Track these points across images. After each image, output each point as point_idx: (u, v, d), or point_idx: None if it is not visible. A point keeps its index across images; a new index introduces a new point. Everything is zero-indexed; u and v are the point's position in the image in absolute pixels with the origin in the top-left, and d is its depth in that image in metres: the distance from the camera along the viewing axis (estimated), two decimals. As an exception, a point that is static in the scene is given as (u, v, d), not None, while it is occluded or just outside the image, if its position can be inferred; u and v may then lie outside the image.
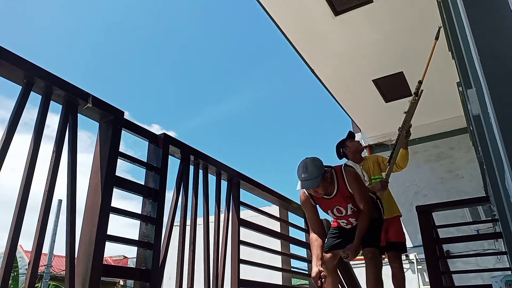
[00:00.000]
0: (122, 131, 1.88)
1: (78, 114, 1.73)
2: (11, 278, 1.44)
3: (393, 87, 5.55)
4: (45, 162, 1.54)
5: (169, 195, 2.14)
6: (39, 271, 1.51)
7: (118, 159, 1.83)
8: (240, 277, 2.57)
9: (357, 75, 5.47)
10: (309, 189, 2.57)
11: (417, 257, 6.53)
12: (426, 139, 6.88)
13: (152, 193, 1.98)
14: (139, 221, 1.96)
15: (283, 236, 3.37)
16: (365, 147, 3.78)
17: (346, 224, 2.77)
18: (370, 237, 2.61)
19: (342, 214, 2.69)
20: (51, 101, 1.62)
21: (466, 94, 1.65)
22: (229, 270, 2.53)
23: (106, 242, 1.67)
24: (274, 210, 3.51)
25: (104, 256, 1.67)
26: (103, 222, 1.66)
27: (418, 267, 6.51)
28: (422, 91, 3.21)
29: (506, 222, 1.22)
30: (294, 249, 3.51)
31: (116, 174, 1.79)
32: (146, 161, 2.08)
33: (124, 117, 1.91)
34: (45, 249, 12.69)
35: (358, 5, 4.23)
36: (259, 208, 3.16)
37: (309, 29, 4.64)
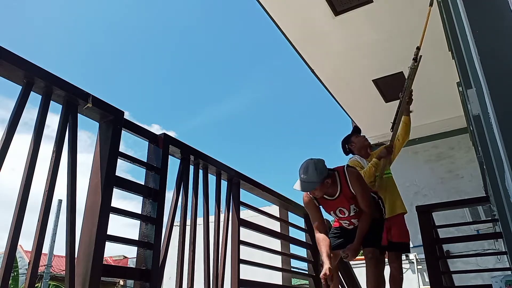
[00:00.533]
0: (122, 131, 1.88)
1: (78, 114, 1.73)
2: (11, 278, 1.44)
3: (393, 87, 5.54)
4: (45, 162, 1.55)
5: (169, 195, 2.14)
6: (39, 271, 1.51)
7: (118, 159, 1.83)
8: (240, 277, 2.57)
9: (357, 75, 5.47)
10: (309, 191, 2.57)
11: (417, 257, 6.54)
12: (426, 139, 6.88)
13: (152, 193, 1.98)
14: (139, 221, 1.96)
15: (283, 236, 3.36)
16: (372, 151, 3.80)
17: (348, 225, 2.76)
18: (370, 237, 2.60)
19: (345, 215, 2.69)
20: (51, 101, 1.62)
21: (466, 94, 1.65)
22: (229, 270, 2.53)
23: (106, 242, 1.67)
24: (274, 210, 3.50)
25: (104, 256, 1.67)
26: (103, 222, 1.66)
27: (418, 267, 6.51)
28: (421, 56, 3.22)
29: (506, 222, 1.22)
30: (294, 249, 3.51)
31: (116, 174, 1.79)
32: (146, 161, 2.08)
33: (124, 117, 1.91)
34: (45, 249, 12.69)
35: (358, 5, 4.24)
36: (259, 208, 3.16)
37: (309, 29, 4.64)
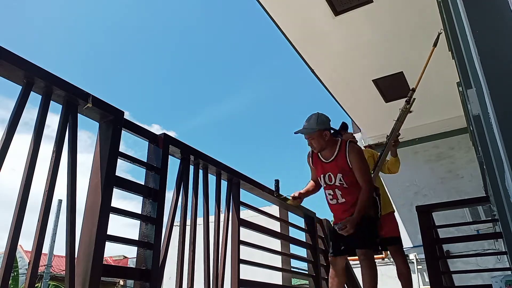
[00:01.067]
0: (122, 131, 1.88)
1: (78, 114, 1.73)
2: (11, 278, 1.44)
3: (393, 87, 5.55)
4: (45, 162, 1.54)
5: (169, 195, 2.14)
6: (39, 271, 1.51)
7: (118, 159, 1.83)
8: (240, 277, 2.57)
9: (357, 75, 5.47)
10: (305, 138, 2.82)
11: (417, 257, 6.53)
12: (426, 139, 6.88)
13: (152, 193, 1.98)
14: (139, 221, 1.96)
15: (283, 236, 3.36)
16: (365, 146, 3.78)
17: (332, 198, 2.81)
18: (363, 236, 2.63)
19: (331, 183, 2.78)
20: (51, 101, 1.62)
21: (466, 94, 1.65)
22: (229, 270, 2.53)
23: (106, 242, 1.67)
24: (274, 210, 3.50)
25: (104, 256, 1.67)
26: (103, 222, 1.66)
27: (418, 267, 6.50)
28: (414, 99, 3.19)
29: (506, 222, 1.22)
30: (294, 249, 3.51)
31: (116, 174, 1.79)
32: (146, 161, 2.08)
33: (124, 117, 1.91)
34: (45, 249, 12.69)
35: (358, 5, 4.24)
36: (259, 208, 3.16)
37: (309, 29, 4.64)
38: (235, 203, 2.75)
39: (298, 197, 2.97)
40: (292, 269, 3.43)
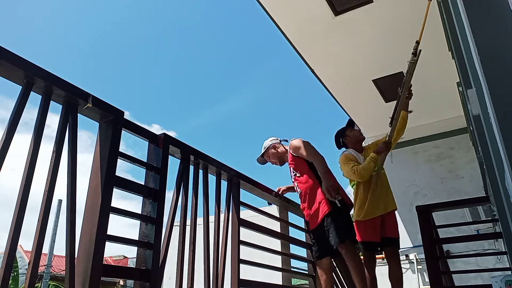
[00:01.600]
0: (122, 131, 1.88)
1: (78, 114, 1.73)
2: (11, 278, 1.44)
3: (393, 87, 5.53)
4: (45, 162, 1.54)
5: (169, 195, 2.14)
6: (39, 271, 1.51)
7: (118, 159, 1.83)
8: (240, 277, 2.57)
9: (357, 75, 5.47)
10: (268, 161, 3.32)
11: (417, 257, 6.53)
12: (426, 139, 6.88)
13: (152, 193, 1.98)
14: (139, 221, 1.96)
15: (283, 236, 3.36)
16: (366, 145, 3.79)
17: (297, 192, 3.14)
18: (336, 231, 2.76)
19: (292, 179, 3.14)
20: (51, 101, 1.62)
21: (466, 94, 1.65)
22: (229, 270, 2.53)
23: (106, 242, 1.67)
24: (274, 210, 3.50)
25: (104, 256, 1.66)
26: (103, 222, 1.66)
27: (418, 267, 6.50)
28: (420, 51, 3.19)
29: (506, 222, 1.22)
30: (294, 249, 3.51)
31: (116, 174, 1.79)
32: (146, 161, 2.08)
33: (124, 117, 1.90)
34: (45, 249, 12.69)
35: (358, 5, 4.23)
36: (259, 208, 3.16)
37: (309, 29, 4.64)
38: (235, 203, 2.75)
39: (278, 193, 3.32)
40: (292, 269, 3.43)
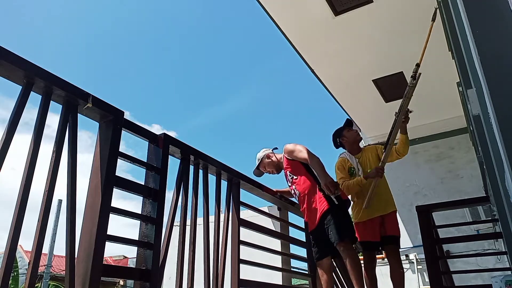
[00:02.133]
0: (122, 131, 1.88)
1: (78, 114, 1.73)
2: (11, 278, 1.44)
3: (393, 87, 5.55)
4: (45, 162, 1.54)
5: (169, 195, 2.14)
6: (39, 271, 1.51)
7: (118, 159, 1.83)
8: (240, 277, 2.57)
9: (357, 75, 5.47)
10: (265, 172, 3.34)
11: (417, 257, 6.53)
12: (426, 139, 6.88)
13: (152, 193, 1.98)
14: (139, 221, 1.95)
15: (283, 236, 3.36)
16: (364, 147, 3.77)
17: (294, 196, 3.17)
18: (335, 230, 2.79)
19: (290, 184, 3.18)
20: (51, 101, 1.62)
21: (466, 94, 1.65)
22: (229, 270, 2.53)
23: (106, 242, 1.67)
24: (274, 210, 3.50)
25: (104, 256, 1.66)
26: (103, 222, 1.66)
27: (418, 267, 6.51)
28: (420, 74, 3.15)
29: (506, 222, 1.22)
30: (294, 249, 3.51)
31: (116, 174, 1.79)
32: (146, 161, 2.08)
33: (125, 117, 1.90)
34: (45, 249, 12.69)
35: (358, 5, 4.23)
36: (259, 208, 3.16)
37: (309, 29, 4.64)
38: (235, 203, 2.75)
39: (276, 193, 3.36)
40: (292, 269, 3.43)
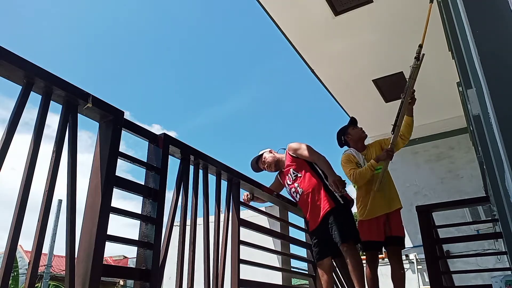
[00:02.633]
0: (122, 131, 1.88)
1: (78, 114, 1.73)
2: (11, 278, 1.44)
3: (393, 87, 5.55)
4: (45, 162, 1.54)
5: (169, 195, 2.13)
6: (39, 271, 1.51)
7: (118, 159, 1.83)
8: (240, 277, 2.57)
9: (357, 75, 5.47)
10: (263, 169, 3.35)
11: (417, 257, 6.53)
12: (426, 139, 6.88)
13: (152, 193, 1.98)
14: (139, 221, 1.95)
15: (283, 236, 3.36)
16: (368, 144, 3.75)
17: (296, 195, 3.13)
18: (340, 231, 2.80)
19: (291, 182, 3.15)
20: (51, 101, 1.62)
21: (466, 94, 1.65)
22: (229, 270, 2.53)
23: (106, 242, 1.67)
24: (274, 210, 3.50)
25: (104, 256, 1.66)
26: (103, 222, 1.66)
27: (418, 267, 6.51)
28: (423, 55, 3.13)
29: (506, 222, 1.22)
30: (294, 249, 3.51)
31: (116, 174, 1.79)
32: (146, 161, 2.07)
33: (125, 117, 1.90)
34: (45, 249, 12.70)
35: (358, 5, 4.24)
36: (259, 208, 3.16)
37: (309, 29, 4.64)
38: (235, 203, 2.75)
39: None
40: (292, 269, 3.43)
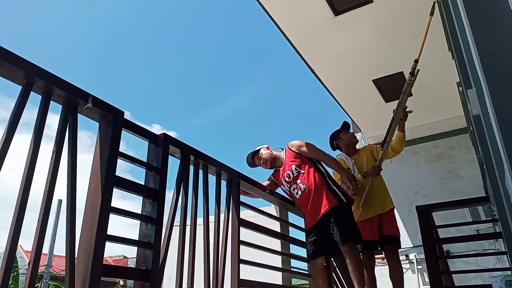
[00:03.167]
0: (122, 131, 1.88)
1: (78, 114, 1.73)
2: (11, 278, 1.44)
3: (393, 87, 5.54)
4: (45, 162, 1.54)
5: (169, 195, 2.13)
6: (39, 271, 1.51)
7: (118, 159, 1.83)
8: (240, 277, 2.57)
9: (357, 75, 5.47)
10: (258, 164, 3.25)
11: (417, 257, 6.53)
12: (426, 139, 6.88)
13: (152, 193, 1.98)
14: (139, 221, 1.95)
15: (283, 236, 3.36)
16: (360, 148, 3.77)
17: (297, 192, 3.02)
18: (342, 230, 2.75)
19: (291, 179, 3.04)
20: (51, 101, 1.62)
21: (466, 94, 1.65)
22: (229, 270, 2.53)
23: (106, 242, 1.67)
24: (274, 210, 3.50)
25: (104, 256, 1.66)
26: (103, 222, 1.66)
27: (418, 267, 6.51)
28: (418, 70, 3.13)
29: (506, 222, 1.22)
30: (294, 249, 3.51)
31: (116, 174, 1.79)
32: (146, 161, 2.07)
33: (125, 117, 1.90)
34: (45, 249, 12.70)
35: (358, 5, 4.23)
36: (259, 208, 3.16)
37: (309, 29, 4.64)
38: (235, 203, 2.74)
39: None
40: (292, 269, 3.43)
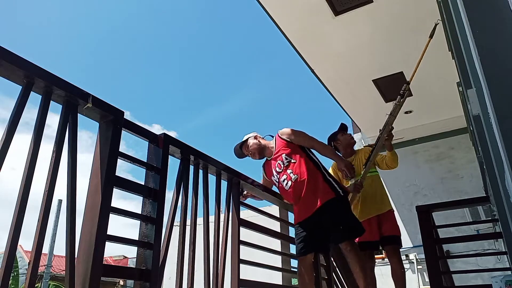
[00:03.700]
0: (122, 131, 1.88)
1: (78, 114, 1.73)
2: (11, 278, 1.44)
3: (393, 87, 5.54)
4: (45, 162, 1.54)
5: (169, 195, 2.14)
6: (39, 271, 1.51)
7: (118, 159, 1.83)
8: (240, 277, 2.57)
9: (357, 75, 5.46)
10: (247, 155, 3.13)
11: (417, 257, 6.53)
12: (426, 139, 6.88)
13: (152, 193, 1.98)
14: (139, 221, 1.96)
15: (283, 236, 3.36)
16: (365, 147, 3.78)
17: (287, 183, 2.85)
18: (345, 226, 2.69)
19: (281, 169, 2.90)
20: (51, 101, 1.62)
21: (466, 94, 1.65)
22: (229, 270, 2.53)
23: (106, 242, 1.67)
24: (274, 210, 3.50)
25: (104, 256, 1.66)
26: (103, 222, 1.66)
27: (418, 267, 6.50)
28: (408, 92, 3.14)
29: (506, 222, 1.22)
30: (294, 249, 3.51)
31: (116, 174, 1.79)
32: (146, 161, 2.08)
33: (125, 117, 1.90)
34: (45, 249, 12.70)
35: (358, 5, 4.23)
36: (259, 208, 3.16)
37: (309, 29, 4.64)
38: (235, 203, 2.75)
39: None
40: (292, 269, 3.43)
